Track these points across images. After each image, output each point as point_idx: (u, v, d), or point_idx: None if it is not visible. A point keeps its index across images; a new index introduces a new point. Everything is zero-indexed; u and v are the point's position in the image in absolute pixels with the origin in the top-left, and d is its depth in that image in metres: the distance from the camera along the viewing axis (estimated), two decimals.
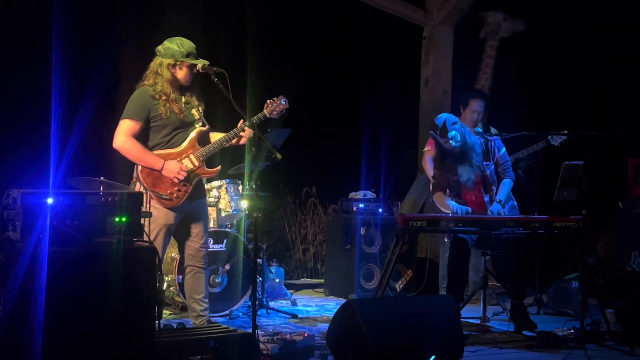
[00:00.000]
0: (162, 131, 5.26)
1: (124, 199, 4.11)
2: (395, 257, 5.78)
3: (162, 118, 5.22)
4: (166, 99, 5.22)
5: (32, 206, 3.88)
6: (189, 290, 5.49)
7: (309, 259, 9.31)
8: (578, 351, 5.35)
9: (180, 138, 5.31)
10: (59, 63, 5.86)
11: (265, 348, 4.81)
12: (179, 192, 5.25)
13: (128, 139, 5.15)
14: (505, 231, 5.91)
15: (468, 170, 6.15)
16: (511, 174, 6.31)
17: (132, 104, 5.21)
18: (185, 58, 5.22)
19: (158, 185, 5.21)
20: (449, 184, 6.23)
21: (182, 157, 5.29)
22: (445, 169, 6.22)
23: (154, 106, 5.20)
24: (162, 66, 5.22)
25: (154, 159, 5.19)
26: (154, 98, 5.20)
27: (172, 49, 5.23)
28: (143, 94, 5.22)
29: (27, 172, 5.94)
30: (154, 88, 5.21)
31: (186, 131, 5.33)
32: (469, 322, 6.22)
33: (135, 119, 5.17)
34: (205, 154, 5.34)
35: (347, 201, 7.80)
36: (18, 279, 3.79)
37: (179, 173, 5.21)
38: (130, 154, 5.19)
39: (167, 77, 5.22)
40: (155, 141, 5.27)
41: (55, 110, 5.57)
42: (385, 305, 4.98)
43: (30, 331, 3.76)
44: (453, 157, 6.14)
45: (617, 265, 7.11)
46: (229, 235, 6.50)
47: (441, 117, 6.10)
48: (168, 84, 5.23)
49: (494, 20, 8.73)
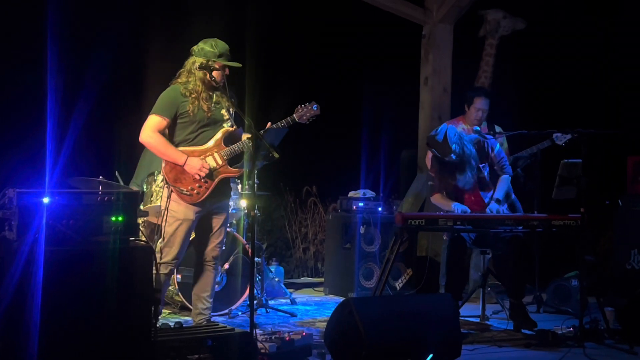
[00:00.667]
0: (188, 128, 5.33)
1: (120, 199, 4.11)
2: (394, 255, 5.79)
3: (190, 115, 5.29)
4: (196, 96, 5.30)
5: (28, 205, 3.88)
6: (197, 288, 5.52)
7: (309, 257, 9.31)
8: (577, 349, 5.35)
9: (207, 136, 5.37)
10: (55, 62, 5.88)
11: (263, 347, 4.80)
12: (200, 188, 5.31)
13: (154, 133, 5.24)
14: (503, 229, 5.90)
15: (466, 176, 6.14)
16: (508, 169, 6.30)
17: (162, 100, 5.32)
18: (218, 58, 5.31)
19: (180, 180, 5.28)
20: (447, 188, 6.23)
21: (207, 154, 5.35)
22: (443, 176, 6.20)
23: (182, 103, 5.28)
24: (194, 65, 5.31)
25: (178, 154, 5.27)
26: (184, 95, 5.29)
27: (205, 49, 5.32)
28: (174, 91, 5.32)
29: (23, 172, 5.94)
30: (185, 86, 5.31)
31: (214, 130, 5.39)
32: (468, 321, 6.23)
33: (163, 115, 5.26)
34: (229, 154, 5.40)
35: (346, 200, 7.81)
36: (14, 279, 3.79)
37: (201, 170, 5.27)
38: (155, 148, 5.29)
39: (200, 76, 5.31)
40: (181, 137, 5.34)
41: (51, 110, 5.58)
42: (383, 304, 4.98)
43: (26, 331, 3.76)
44: (451, 166, 6.12)
45: (617, 263, 7.11)
46: (228, 234, 6.48)
47: (441, 131, 5.99)
48: (200, 83, 5.31)
49: (493, 18, 8.72)
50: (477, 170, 6.17)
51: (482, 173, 6.21)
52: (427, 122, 8.80)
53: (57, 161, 5.27)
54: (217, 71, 5.32)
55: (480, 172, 6.20)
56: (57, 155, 5.29)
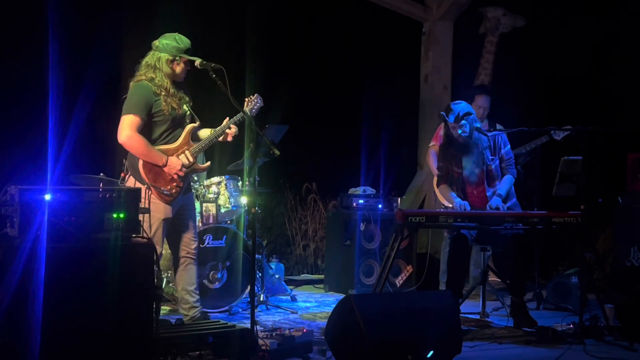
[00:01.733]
0: (162, 126, 5.32)
1: (122, 195, 4.12)
2: (394, 252, 5.80)
3: (164, 113, 5.27)
4: (166, 94, 5.27)
5: (29, 202, 3.89)
6: (183, 282, 5.54)
7: (309, 254, 9.31)
8: (577, 346, 5.36)
9: (177, 134, 5.39)
10: (56, 58, 5.88)
11: (263, 344, 4.81)
12: (177, 187, 5.34)
13: (133, 133, 5.18)
14: (503, 227, 5.91)
15: (472, 164, 6.14)
16: (513, 170, 6.29)
17: (135, 98, 5.23)
18: (184, 54, 5.30)
19: (159, 180, 5.27)
20: (452, 177, 6.23)
21: (179, 152, 5.36)
22: (449, 160, 6.20)
23: (156, 101, 5.25)
24: (161, 61, 5.28)
25: (158, 154, 5.25)
26: (155, 94, 5.25)
27: (170, 45, 5.29)
28: (145, 89, 5.25)
29: (25, 169, 5.95)
30: (153, 83, 5.26)
31: (181, 127, 5.42)
32: (469, 318, 6.23)
33: (138, 114, 5.20)
34: (198, 150, 5.45)
35: (346, 197, 7.81)
36: (16, 276, 3.79)
37: (181, 169, 5.29)
38: (136, 149, 5.22)
39: (167, 72, 5.29)
40: (155, 136, 5.32)
41: (53, 106, 5.59)
42: (383, 300, 4.98)
43: (28, 327, 3.76)
44: (458, 148, 6.13)
45: (617, 260, 7.12)
46: (228, 231, 6.50)
47: (459, 105, 6.06)
48: (167, 79, 5.29)
49: (493, 15, 8.73)
50: (483, 161, 6.16)
51: (491, 165, 6.20)
52: (426, 119, 8.81)
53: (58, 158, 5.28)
54: (182, 67, 5.33)
55: (489, 164, 6.19)
56: (59, 153, 5.30)
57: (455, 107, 6.04)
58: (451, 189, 6.24)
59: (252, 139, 5.09)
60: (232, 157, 7.10)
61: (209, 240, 6.41)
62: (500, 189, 6.18)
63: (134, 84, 5.30)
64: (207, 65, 5.16)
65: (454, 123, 6.02)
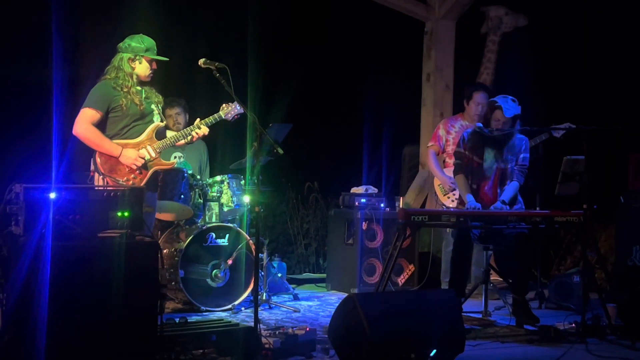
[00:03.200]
0: (121, 122, 5.47)
1: (126, 194, 4.13)
2: (397, 251, 5.80)
3: (122, 109, 5.44)
4: (127, 91, 5.44)
5: (34, 201, 3.91)
6: None
7: (311, 253, 9.33)
8: (579, 345, 5.36)
9: (139, 130, 5.52)
10: (60, 56, 5.96)
11: (267, 342, 4.82)
12: (135, 179, 5.44)
13: (88, 126, 5.37)
14: (506, 226, 5.91)
15: (493, 157, 6.16)
16: (521, 178, 6.24)
17: (95, 94, 5.44)
18: (145, 53, 5.47)
19: (115, 171, 5.40)
20: (472, 166, 6.21)
21: (140, 147, 5.49)
22: (473, 150, 6.21)
23: (115, 97, 5.42)
24: (123, 60, 5.48)
25: (113, 145, 5.40)
26: (115, 89, 5.43)
27: (132, 45, 5.49)
28: (105, 86, 5.45)
29: (30, 167, 5.99)
30: (115, 81, 5.45)
31: (145, 124, 5.54)
32: (471, 317, 6.23)
33: (96, 108, 5.40)
34: (162, 147, 5.57)
35: (349, 196, 7.81)
36: (21, 274, 3.82)
37: (137, 160, 5.41)
38: (90, 141, 5.38)
39: (128, 71, 5.47)
40: (114, 131, 5.47)
41: (57, 105, 5.65)
42: (387, 299, 4.99)
43: (33, 325, 3.79)
44: (487, 140, 6.15)
45: (619, 259, 7.12)
46: (231, 230, 6.51)
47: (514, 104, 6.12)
48: (129, 77, 5.47)
49: (495, 15, 8.74)
50: (502, 159, 6.17)
51: (508, 165, 6.20)
52: (429, 118, 8.81)
53: (63, 156, 5.32)
54: (145, 65, 5.49)
55: (507, 161, 6.19)
56: (64, 151, 5.35)
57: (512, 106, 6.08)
58: (467, 181, 6.21)
59: (256, 137, 5.10)
60: (234, 155, 7.11)
61: (211, 238, 6.42)
62: (505, 195, 6.15)
63: (98, 82, 5.50)
64: (211, 64, 5.16)
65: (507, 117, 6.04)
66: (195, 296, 6.27)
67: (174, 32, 5.44)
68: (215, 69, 5.15)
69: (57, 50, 5.87)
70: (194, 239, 6.33)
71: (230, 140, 7.26)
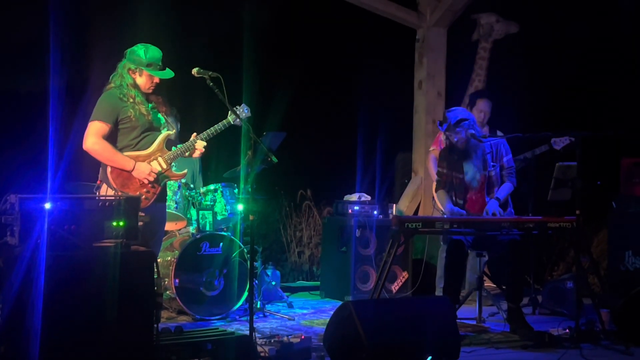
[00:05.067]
0: (131, 133, 5.30)
1: (122, 204, 4.13)
2: (391, 258, 5.81)
3: (132, 120, 5.26)
4: (133, 101, 5.28)
5: (30, 211, 3.91)
6: None
7: (305, 261, 9.33)
8: (573, 350, 5.38)
9: (149, 141, 5.36)
10: (57, 66, 5.89)
11: (262, 350, 4.83)
12: (148, 193, 5.29)
13: (99, 140, 5.18)
14: (500, 232, 5.93)
15: (474, 168, 6.18)
16: (514, 179, 6.31)
17: (102, 105, 5.25)
18: (145, 67, 5.30)
19: (127, 186, 5.24)
20: (453, 183, 6.26)
21: (151, 159, 5.34)
22: (451, 167, 6.25)
23: (123, 108, 5.25)
24: (125, 69, 5.31)
25: (125, 159, 5.22)
26: (122, 100, 5.25)
27: (136, 54, 5.30)
28: (112, 96, 5.27)
29: (25, 177, 5.95)
30: (120, 90, 5.28)
31: (153, 134, 5.39)
32: (465, 323, 6.25)
33: (105, 121, 5.21)
34: (172, 157, 5.41)
35: (342, 203, 7.82)
36: (16, 284, 3.81)
37: (150, 174, 5.26)
38: (101, 155, 5.22)
39: (129, 81, 5.31)
40: (124, 143, 5.30)
41: (53, 115, 5.59)
42: (382, 306, 5.00)
43: (28, 335, 3.78)
44: (458, 153, 6.17)
45: (611, 265, 7.15)
46: (224, 238, 6.51)
47: (454, 112, 6.11)
48: (131, 87, 5.30)
49: (487, 22, 8.78)
50: (485, 167, 6.20)
51: (492, 172, 6.24)
52: (421, 125, 8.84)
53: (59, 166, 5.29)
54: (144, 79, 5.33)
55: (490, 170, 6.22)
56: (59, 161, 5.31)
57: (449, 115, 6.09)
58: (449, 195, 6.27)
59: (250, 146, 5.11)
60: (228, 164, 7.11)
61: (205, 247, 6.41)
62: (499, 194, 6.22)
63: (104, 92, 5.33)
64: (205, 74, 5.16)
65: (448, 131, 6.07)
66: (189, 305, 6.27)
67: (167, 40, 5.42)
68: (209, 78, 5.14)
69: (54, 58, 5.82)
70: (188, 248, 6.33)
71: (224, 149, 7.25)
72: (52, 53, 5.82)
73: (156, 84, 5.39)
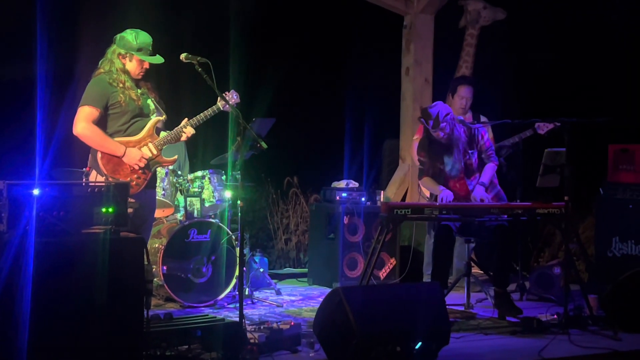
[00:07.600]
0: (120, 118, 5.27)
1: (111, 190, 4.10)
2: (380, 245, 5.81)
3: (122, 105, 5.24)
4: (123, 86, 5.25)
5: (18, 197, 3.87)
6: None
7: (292, 248, 9.31)
8: (562, 336, 5.40)
9: (138, 126, 5.33)
10: (44, 52, 5.85)
11: (252, 337, 4.82)
12: (139, 179, 5.28)
13: (89, 125, 5.16)
14: (488, 218, 5.95)
15: (453, 160, 6.19)
16: (494, 158, 6.35)
17: (91, 90, 5.23)
18: (136, 52, 5.26)
19: (118, 172, 5.22)
20: (434, 172, 6.27)
21: (141, 145, 5.31)
22: (432, 157, 6.25)
23: (113, 93, 5.22)
24: (114, 54, 5.28)
25: (116, 145, 5.20)
26: (111, 85, 5.22)
27: (125, 40, 5.27)
28: (101, 81, 5.24)
29: (13, 164, 5.90)
30: (109, 75, 5.25)
31: (143, 120, 5.36)
32: (454, 309, 6.26)
33: (95, 106, 5.18)
34: (163, 143, 5.38)
35: (330, 190, 7.81)
36: (4, 271, 3.79)
37: (140, 160, 5.24)
38: (92, 140, 5.19)
39: (119, 66, 5.27)
40: (114, 128, 5.27)
41: (41, 101, 5.55)
42: (372, 293, 5.00)
43: (16, 322, 3.75)
44: (440, 147, 6.18)
45: (599, 251, 7.18)
46: (212, 225, 6.49)
47: (435, 107, 6.09)
48: (121, 72, 5.27)
49: (474, 8, 8.76)
50: (464, 155, 6.22)
51: (470, 159, 6.25)
52: (408, 112, 8.83)
53: (47, 153, 5.25)
54: (134, 64, 5.29)
55: (468, 158, 6.24)
56: (47, 147, 5.26)
57: (433, 111, 6.05)
58: (434, 181, 6.28)
59: (239, 132, 5.08)
60: (215, 151, 7.08)
61: (193, 234, 6.39)
62: (483, 178, 6.23)
63: (93, 77, 5.30)
64: (193, 59, 5.13)
65: (434, 128, 6.05)
66: (177, 292, 6.25)
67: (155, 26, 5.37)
68: (198, 64, 5.11)
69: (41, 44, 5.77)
70: (175, 235, 6.31)
71: (211, 136, 7.21)
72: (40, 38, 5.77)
73: (145, 69, 5.35)
